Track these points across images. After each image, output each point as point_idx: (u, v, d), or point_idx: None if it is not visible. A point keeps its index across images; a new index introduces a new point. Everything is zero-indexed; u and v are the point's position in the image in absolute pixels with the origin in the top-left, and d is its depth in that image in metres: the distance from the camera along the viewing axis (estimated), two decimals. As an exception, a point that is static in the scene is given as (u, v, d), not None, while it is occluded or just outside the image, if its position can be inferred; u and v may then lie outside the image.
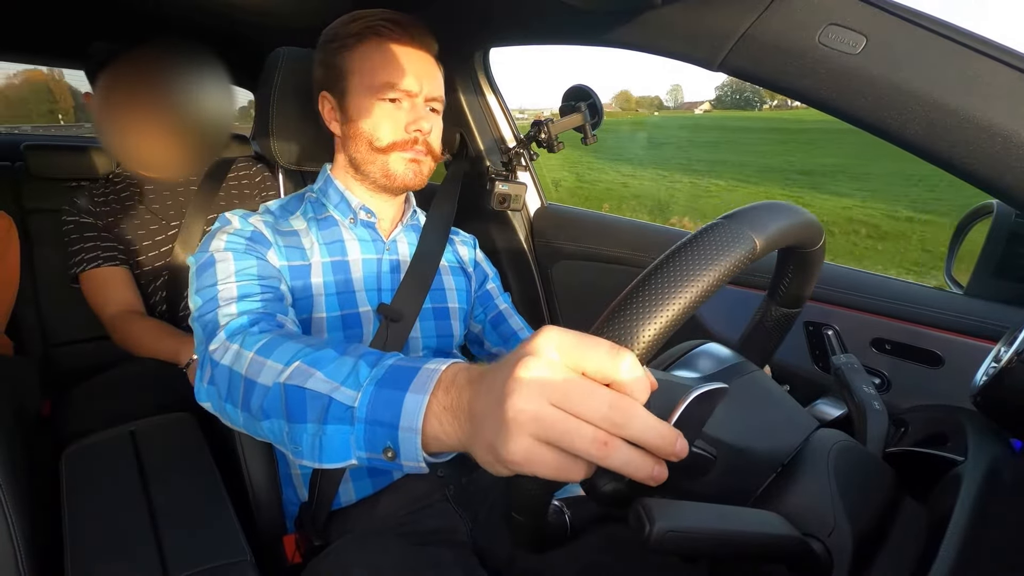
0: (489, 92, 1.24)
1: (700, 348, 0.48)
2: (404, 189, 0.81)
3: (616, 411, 0.29)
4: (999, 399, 0.43)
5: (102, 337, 1.21)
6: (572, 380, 0.30)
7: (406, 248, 0.87)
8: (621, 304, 0.32)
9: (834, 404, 0.52)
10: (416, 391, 0.39)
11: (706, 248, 0.33)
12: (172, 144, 1.19)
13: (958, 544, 0.35)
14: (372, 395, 0.42)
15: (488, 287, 0.99)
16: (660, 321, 0.31)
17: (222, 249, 0.68)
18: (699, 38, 0.62)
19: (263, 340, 0.53)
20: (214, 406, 0.58)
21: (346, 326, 0.77)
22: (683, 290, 0.32)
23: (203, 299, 0.64)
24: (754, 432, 0.42)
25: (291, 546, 0.77)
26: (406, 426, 0.39)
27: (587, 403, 0.30)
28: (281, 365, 0.49)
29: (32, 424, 0.97)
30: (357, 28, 0.77)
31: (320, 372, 0.46)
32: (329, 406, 0.44)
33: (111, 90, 1.16)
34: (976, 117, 0.48)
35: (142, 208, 1.25)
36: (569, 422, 0.30)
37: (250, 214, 0.76)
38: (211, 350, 0.57)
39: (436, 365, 0.40)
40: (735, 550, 0.35)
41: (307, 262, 0.76)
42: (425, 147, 0.79)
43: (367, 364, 0.45)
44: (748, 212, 0.38)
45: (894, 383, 0.84)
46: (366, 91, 0.76)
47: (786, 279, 0.51)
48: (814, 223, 0.45)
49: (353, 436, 0.42)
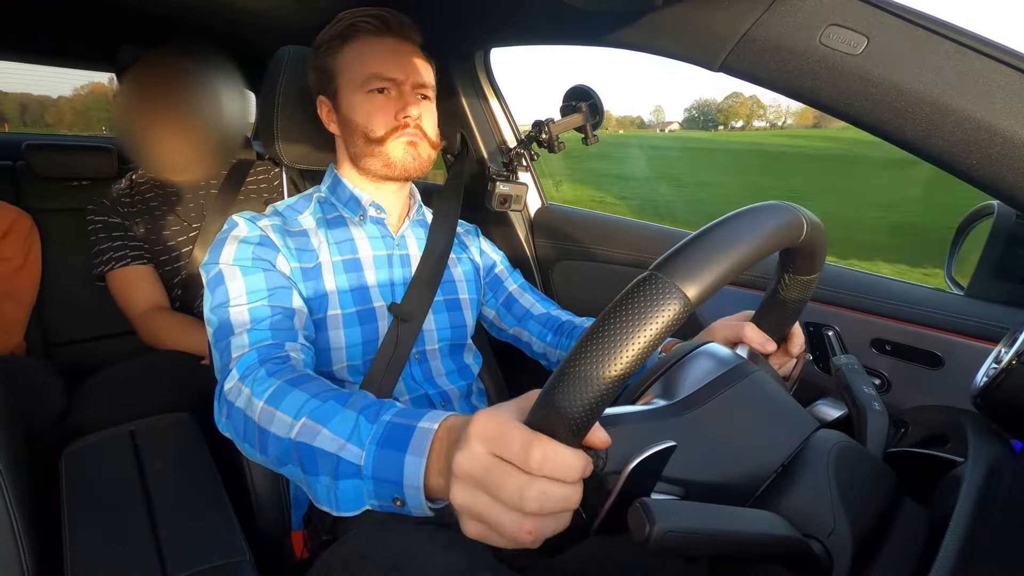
0: (490, 92, 1.24)
1: (701, 349, 0.48)
2: (405, 175, 0.82)
3: (528, 501, 0.33)
4: (999, 400, 0.43)
5: (102, 336, 1.21)
6: (493, 471, 0.35)
7: (414, 243, 0.89)
8: (554, 382, 0.33)
9: (834, 405, 0.52)
10: (414, 453, 0.44)
11: (633, 312, 0.31)
12: (188, 147, 1.22)
13: (958, 545, 0.35)
14: (375, 455, 0.46)
15: (496, 271, 1.00)
16: (589, 397, 0.32)
17: (230, 262, 0.69)
18: (700, 39, 0.62)
19: (271, 388, 0.57)
20: (235, 441, 0.61)
21: (362, 321, 0.78)
22: (611, 365, 0.31)
23: (218, 320, 0.66)
24: (754, 433, 0.42)
25: (299, 542, 0.77)
26: (409, 484, 0.44)
27: (503, 493, 0.34)
28: (290, 418, 0.53)
29: (51, 424, 0.98)
30: (340, 29, 0.79)
31: (326, 429, 0.50)
32: (338, 464, 0.48)
33: (131, 93, 1.19)
34: (977, 118, 0.48)
35: (166, 209, 1.28)
36: (496, 510, 0.35)
37: (258, 216, 0.76)
38: (226, 389, 0.61)
39: (430, 424, 0.45)
40: (735, 551, 0.35)
41: (316, 262, 0.77)
42: (419, 131, 0.79)
43: (367, 420, 0.49)
44: (678, 259, 0.33)
45: (894, 384, 0.84)
46: (355, 87, 0.78)
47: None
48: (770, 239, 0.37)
49: (364, 489, 0.47)
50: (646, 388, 0.46)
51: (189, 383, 1.05)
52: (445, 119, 1.30)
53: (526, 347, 0.98)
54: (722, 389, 0.43)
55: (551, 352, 0.93)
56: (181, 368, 1.09)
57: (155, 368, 1.09)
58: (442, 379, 0.85)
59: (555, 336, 0.93)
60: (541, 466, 0.33)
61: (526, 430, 0.34)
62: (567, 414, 0.32)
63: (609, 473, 0.37)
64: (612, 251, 1.17)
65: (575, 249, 1.23)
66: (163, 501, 0.69)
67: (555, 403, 0.33)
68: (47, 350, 1.29)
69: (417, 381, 0.83)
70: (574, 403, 0.32)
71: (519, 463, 0.34)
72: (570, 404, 0.32)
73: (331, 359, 0.76)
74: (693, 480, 0.39)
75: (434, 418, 0.46)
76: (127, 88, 1.20)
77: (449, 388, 0.85)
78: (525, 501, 0.33)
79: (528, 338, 0.96)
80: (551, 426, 0.34)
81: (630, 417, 0.40)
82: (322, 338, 0.75)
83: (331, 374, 0.77)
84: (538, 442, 0.33)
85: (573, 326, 0.91)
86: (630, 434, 0.38)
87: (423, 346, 0.85)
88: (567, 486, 0.34)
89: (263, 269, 0.70)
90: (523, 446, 0.34)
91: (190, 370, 1.09)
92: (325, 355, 0.76)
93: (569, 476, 0.34)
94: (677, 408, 0.42)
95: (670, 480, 0.39)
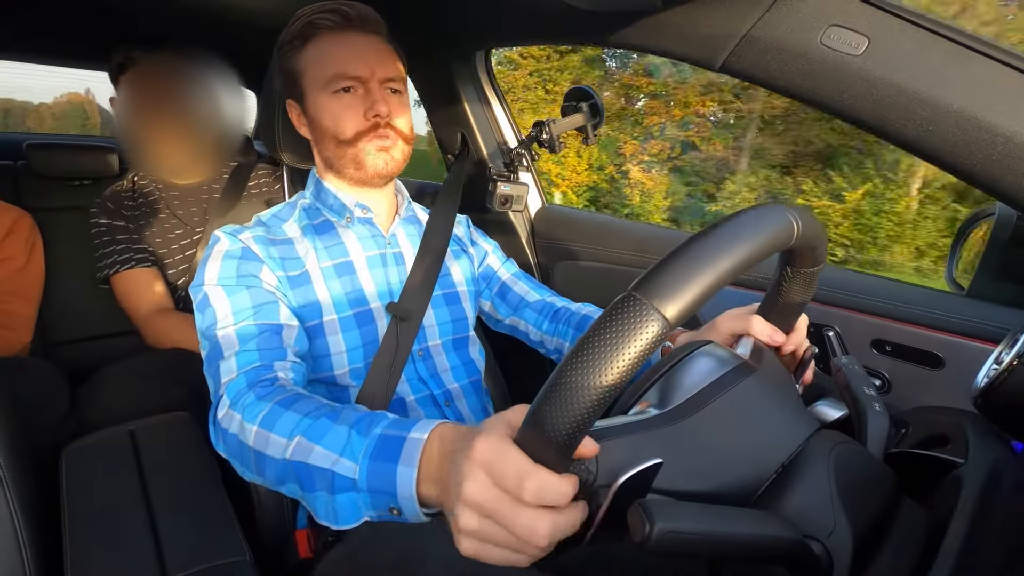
0: (490, 92, 1.24)
1: (701, 349, 0.48)
2: (380, 179, 0.80)
3: (540, 537, 0.35)
4: (1000, 401, 0.43)
5: (102, 336, 1.21)
6: (503, 505, 0.36)
7: (406, 240, 0.88)
8: (539, 405, 0.34)
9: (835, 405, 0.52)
10: (405, 463, 0.45)
11: (612, 334, 0.31)
12: (188, 148, 1.22)
13: (958, 546, 0.35)
14: (368, 468, 0.47)
15: (488, 261, 0.99)
16: (573, 419, 0.32)
17: (215, 282, 0.69)
18: (700, 39, 0.62)
19: (263, 411, 0.57)
20: (233, 465, 0.62)
21: (359, 324, 0.78)
22: (593, 386, 0.32)
23: (208, 344, 0.66)
24: (753, 434, 0.42)
25: (303, 542, 0.76)
26: (403, 494, 0.45)
27: (516, 529, 0.35)
28: (284, 439, 0.54)
29: (54, 424, 0.98)
30: (299, 28, 0.76)
31: (319, 446, 0.51)
32: (334, 479, 0.49)
33: (132, 94, 1.19)
34: (977, 118, 0.48)
35: (168, 213, 1.27)
36: (504, 541, 0.36)
37: (239, 229, 0.75)
38: (219, 417, 0.61)
39: (419, 434, 0.46)
40: (735, 551, 0.35)
41: (303, 270, 0.76)
42: (391, 131, 0.77)
43: (359, 434, 0.50)
44: (656, 278, 0.33)
45: (895, 384, 0.84)
46: (319, 88, 0.75)
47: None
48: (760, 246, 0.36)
49: (361, 501, 0.48)
50: (640, 396, 0.46)
51: (189, 382, 1.05)
52: (445, 119, 1.31)
53: (523, 336, 0.97)
54: (719, 393, 0.42)
55: (548, 340, 0.92)
56: (182, 367, 1.09)
57: (156, 367, 1.09)
58: (447, 375, 0.84)
59: (552, 323, 0.91)
60: (537, 498, 0.35)
61: (522, 460, 0.35)
62: (552, 437, 0.33)
63: (600, 486, 0.37)
64: (612, 251, 1.17)
65: (576, 249, 1.23)
66: (163, 501, 0.69)
67: (540, 425, 0.33)
68: (47, 349, 1.29)
69: (422, 379, 0.82)
70: (558, 426, 0.33)
71: (513, 493, 0.35)
72: (554, 427, 0.33)
73: (332, 364, 0.75)
74: (687, 491, 0.39)
75: (423, 428, 0.47)
76: (127, 91, 1.20)
77: (454, 386, 0.84)
78: (537, 536, 0.35)
79: (525, 327, 0.95)
80: (538, 449, 0.35)
81: (621, 429, 0.40)
82: (321, 344, 0.75)
83: (333, 380, 0.76)
84: (532, 475, 0.35)
85: (570, 312, 0.90)
86: (621, 447, 0.39)
87: (426, 342, 0.84)
88: (571, 512, 0.36)
89: (247, 286, 0.69)
90: (518, 478, 0.35)
91: (190, 369, 1.09)
92: (326, 361, 0.75)
93: (562, 502, 0.35)
94: (670, 416, 0.41)
95: (663, 492, 0.39)
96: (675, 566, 0.56)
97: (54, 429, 0.97)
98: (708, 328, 0.62)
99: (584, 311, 0.90)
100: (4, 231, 1.16)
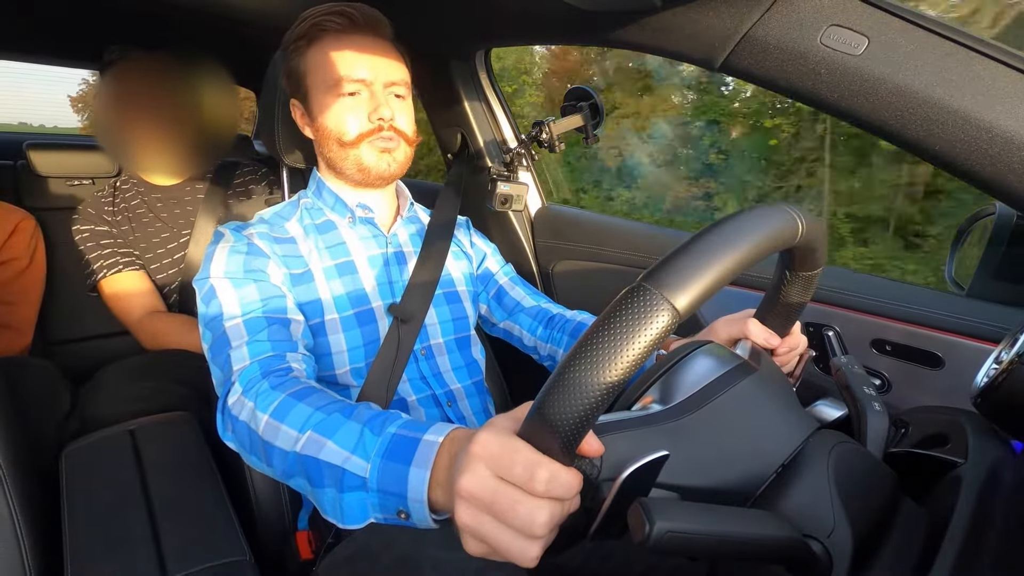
0: (490, 92, 1.24)
1: (699, 350, 0.48)
2: (382, 181, 0.80)
3: (538, 527, 0.34)
4: (1000, 401, 0.43)
5: (102, 336, 1.21)
6: (501, 496, 0.35)
7: (408, 241, 0.88)
8: (544, 395, 0.33)
9: (834, 405, 0.52)
10: (418, 465, 0.44)
11: (622, 324, 0.31)
12: (170, 144, 1.20)
13: (958, 546, 0.35)
14: (380, 467, 0.46)
15: (486, 264, 0.99)
16: (579, 411, 0.32)
17: (221, 275, 0.69)
18: (700, 39, 0.62)
19: (275, 401, 0.56)
20: (240, 454, 0.61)
21: (360, 323, 0.78)
22: (601, 378, 0.31)
23: (213, 334, 0.66)
24: (753, 433, 0.42)
25: (304, 543, 0.77)
26: (413, 497, 0.44)
27: (515, 520, 0.35)
28: (295, 432, 0.53)
29: (56, 424, 0.98)
30: (305, 29, 0.76)
31: (331, 441, 0.50)
32: (343, 476, 0.48)
33: (112, 91, 1.17)
34: (977, 118, 0.48)
35: (152, 216, 1.26)
36: (503, 534, 0.35)
37: (243, 225, 0.76)
38: (229, 403, 0.60)
39: (435, 437, 0.45)
40: (735, 551, 0.35)
41: (306, 269, 0.76)
42: (394, 133, 0.78)
43: (372, 432, 0.49)
44: (666, 269, 0.33)
45: (894, 384, 0.84)
46: (324, 89, 0.76)
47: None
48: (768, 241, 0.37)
49: (369, 501, 0.48)
50: (643, 392, 0.46)
51: (190, 382, 1.05)
52: (445, 119, 1.31)
53: (517, 341, 0.97)
54: (720, 391, 0.43)
55: (542, 346, 0.92)
56: (182, 367, 1.09)
57: (156, 367, 1.09)
58: (449, 375, 0.84)
59: (546, 329, 0.91)
60: (548, 489, 0.34)
61: (530, 451, 0.35)
62: (559, 428, 0.33)
63: (604, 480, 0.37)
64: (612, 251, 1.17)
65: (575, 249, 1.23)
66: (163, 501, 0.69)
67: (546, 417, 0.33)
68: (47, 349, 1.29)
69: (424, 379, 0.82)
70: (565, 417, 0.32)
71: (523, 485, 0.34)
72: (561, 418, 0.32)
73: (333, 363, 0.75)
74: (690, 486, 0.39)
75: (439, 431, 0.46)
76: (107, 86, 1.17)
77: (456, 387, 0.84)
78: (535, 526, 0.34)
79: (519, 332, 0.95)
80: (544, 440, 0.34)
81: (625, 424, 0.40)
82: (322, 343, 0.75)
83: (334, 379, 0.76)
84: (542, 465, 0.34)
85: (564, 319, 0.90)
86: (625, 441, 0.39)
87: (428, 341, 0.84)
88: (569, 503, 0.36)
89: (255, 280, 0.69)
90: (528, 468, 0.34)
91: (191, 369, 1.09)
92: (327, 360, 0.75)
93: (569, 495, 0.35)
94: (673, 412, 0.42)
95: (666, 487, 0.39)
96: (675, 562, 0.56)
97: (54, 429, 0.97)
98: (705, 333, 0.62)
99: (579, 318, 0.90)
100: (8, 233, 1.16)
